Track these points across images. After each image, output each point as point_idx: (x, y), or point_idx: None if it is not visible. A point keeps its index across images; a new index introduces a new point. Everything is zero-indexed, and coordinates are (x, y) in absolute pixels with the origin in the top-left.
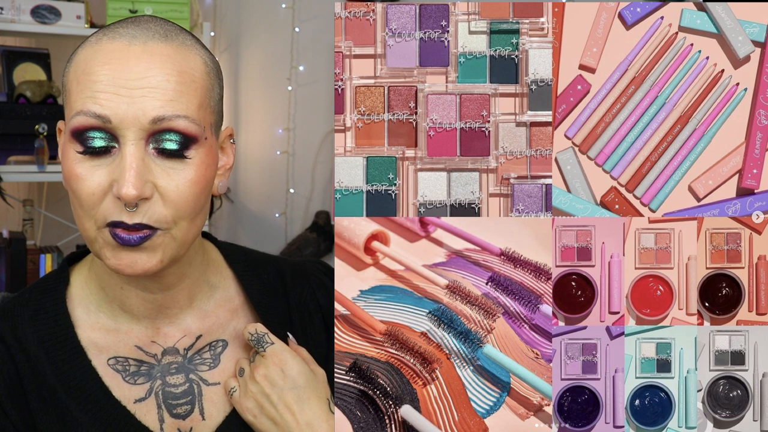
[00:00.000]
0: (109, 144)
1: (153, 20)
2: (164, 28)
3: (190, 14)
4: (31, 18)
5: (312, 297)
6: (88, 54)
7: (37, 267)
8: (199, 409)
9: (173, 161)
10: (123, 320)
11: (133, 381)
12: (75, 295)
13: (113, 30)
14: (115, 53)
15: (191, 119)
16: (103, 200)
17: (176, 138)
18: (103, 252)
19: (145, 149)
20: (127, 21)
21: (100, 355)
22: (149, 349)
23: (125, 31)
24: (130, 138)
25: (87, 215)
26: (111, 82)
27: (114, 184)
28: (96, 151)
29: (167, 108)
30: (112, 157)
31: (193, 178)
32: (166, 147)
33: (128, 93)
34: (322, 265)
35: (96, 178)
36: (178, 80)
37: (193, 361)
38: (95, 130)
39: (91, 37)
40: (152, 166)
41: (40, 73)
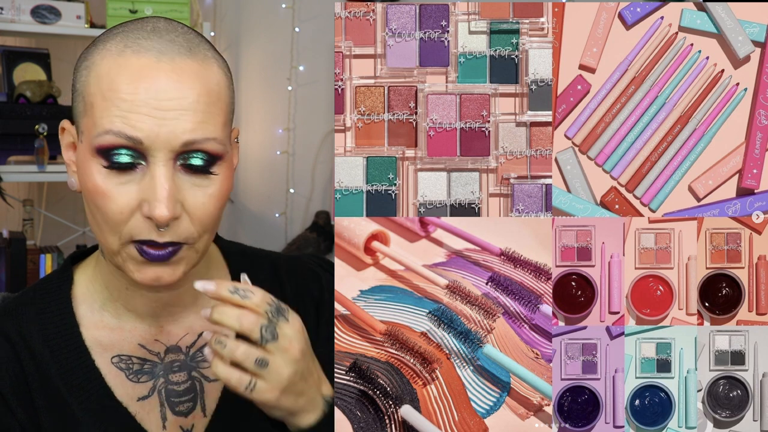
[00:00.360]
0: (137, 161)
1: (172, 28)
2: (186, 39)
3: (190, 14)
4: (31, 18)
5: (307, 290)
6: (112, 67)
7: (37, 267)
8: (200, 405)
9: (199, 177)
10: (127, 319)
11: (136, 379)
12: (79, 293)
13: (136, 42)
14: (143, 70)
15: (218, 140)
16: (130, 218)
17: (204, 156)
18: (126, 265)
19: (174, 167)
20: (147, 29)
21: (104, 353)
22: (152, 347)
23: (149, 45)
24: (161, 158)
25: (112, 230)
26: (143, 103)
27: (144, 204)
28: (123, 166)
29: (198, 131)
30: (140, 174)
31: (217, 194)
32: (194, 164)
33: (160, 114)
34: (318, 258)
35: (124, 197)
36: (206, 101)
37: (196, 358)
38: (123, 147)
39: (110, 45)
40: (180, 183)
41: (40, 73)
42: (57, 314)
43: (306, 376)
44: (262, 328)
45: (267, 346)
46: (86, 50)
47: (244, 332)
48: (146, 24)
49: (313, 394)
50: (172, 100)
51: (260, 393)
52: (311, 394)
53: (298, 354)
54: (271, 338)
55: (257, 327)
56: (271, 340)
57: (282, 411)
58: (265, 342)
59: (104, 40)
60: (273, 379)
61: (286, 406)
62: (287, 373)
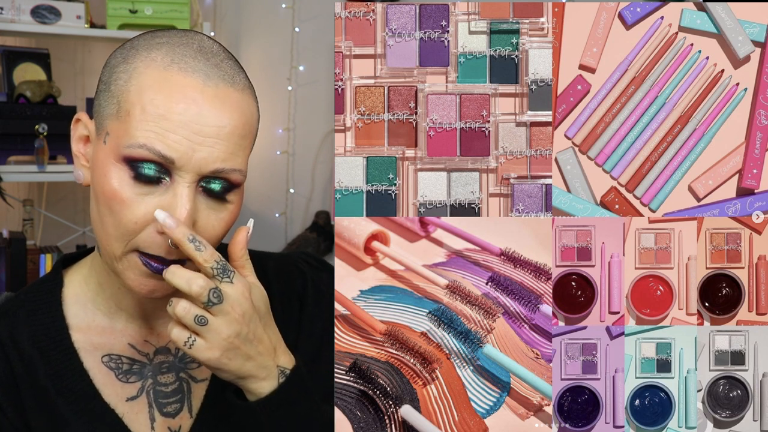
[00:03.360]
0: (162, 176)
1: (217, 51)
2: (229, 66)
3: (190, 14)
4: (31, 18)
5: (292, 287)
6: (156, 81)
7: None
8: (187, 406)
9: (215, 201)
10: (118, 318)
11: (125, 379)
12: (71, 295)
13: (183, 59)
14: (188, 92)
15: (242, 172)
16: (143, 229)
17: (224, 184)
18: (126, 273)
19: (195, 189)
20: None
21: (95, 352)
22: (142, 348)
23: (197, 66)
24: (187, 179)
25: (120, 237)
26: (182, 125)
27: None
28: (148, 179)
29: (228, 162)
30: (163, 189)
31: (227, 219)
32: (213, 188)
33: (198, 140)
34: (306, 255)
35: (143, 208)
36: (241, 133)
37: (184, 359)
38: (152, 162)
39: (155, 54)
40: (197, 204)
41: (40, 73)
42: (47, 316)
43: (251, 340)
44: (210, 292)
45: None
46: (125, 51)
47: (192, 294)
48: (191, 41)
49: (265, 360)
50: (211, 127)
51: (200, 350)
52: (261, 360)
53: (239, 315)
54: (217, 301)
55: (206, 291)
56: (217, 303)
57: (229, 374)
58: (210, 305)
59: (147, 47)
60: (212, 338)
61: (232, 369)
62: (227, 333)
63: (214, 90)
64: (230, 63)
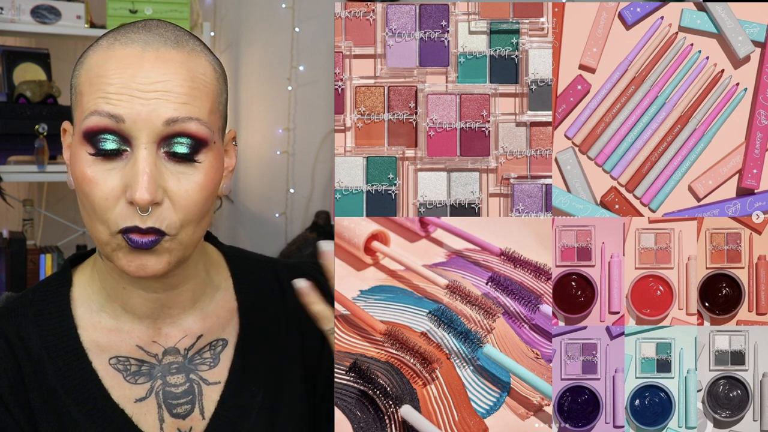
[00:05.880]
0: (121, 147)
1: (163, 25)
2: (175, 34)
3: (190, 14)
4: (31, 18)
5: None
6: (100, 58)
7: (37, 267)
8: (199, 408)
9: (184, 165)
10: (125, 320)
11: (134, 381)
12: (77, 295)
13: (125, 35)
14: (129, 58)
15: (203, 122)
16: (116, 205)
17: (187, 141)
18: (115, 254)
19: (156, 153)
20: (138, 26)
21: (102, 354)
22: (150, 348)
23: (138, 37)
24: (143, 141)
25: (99, 219)
26: (125, 85)
27: (127, 189)
28: (108, 153)
29: (180, 110)
30: (125, 161)
31: (202, 183)
32: (177, 151)
33: (142, 95)
34: (318, 265)
35: (109, 183)
36: (191, 85)
37: (194, 361)
38: (108, 132)
39: (102, 41)
40: (163, 170)
41: (40, 73)
42: (55, 316)
43: None
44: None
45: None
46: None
47: None
48: (139, 22)
49: None
50: (154, 83)
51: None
52: None
53: None
54: None
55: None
56: None
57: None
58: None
59: (98, 40)
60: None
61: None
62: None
63: (155, 53)
64: (178, 32)
